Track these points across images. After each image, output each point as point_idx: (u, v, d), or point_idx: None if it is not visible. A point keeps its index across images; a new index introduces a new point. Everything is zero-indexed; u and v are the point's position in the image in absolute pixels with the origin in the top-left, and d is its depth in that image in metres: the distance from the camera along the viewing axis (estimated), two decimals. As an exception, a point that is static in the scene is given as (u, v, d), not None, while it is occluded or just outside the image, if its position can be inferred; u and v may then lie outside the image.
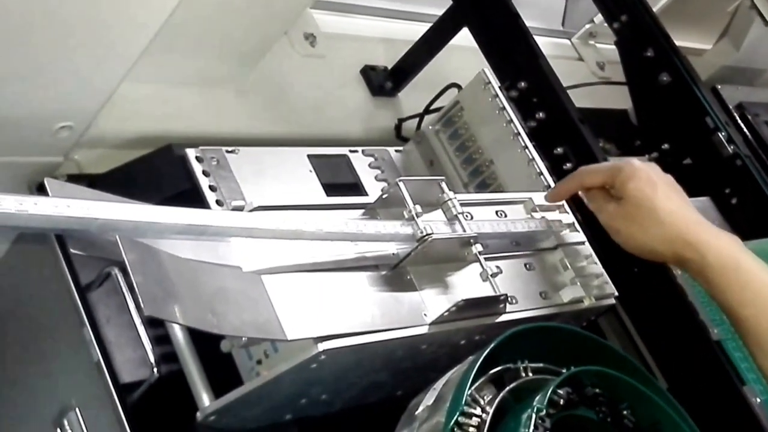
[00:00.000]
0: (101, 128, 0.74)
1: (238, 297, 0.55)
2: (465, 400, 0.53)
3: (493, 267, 0.65)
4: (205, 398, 0.61)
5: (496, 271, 0.65)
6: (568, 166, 0.83)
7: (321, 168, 0.76)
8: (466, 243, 0.65)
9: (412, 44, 0.99)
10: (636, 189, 0.67)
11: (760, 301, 0.63)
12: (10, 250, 0.72)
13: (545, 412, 0.53)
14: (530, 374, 0.57)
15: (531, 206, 0.73)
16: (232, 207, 0.65)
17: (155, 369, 0.62)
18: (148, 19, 0.64)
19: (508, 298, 0.65)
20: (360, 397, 0.66)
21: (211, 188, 0.67)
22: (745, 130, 1.08)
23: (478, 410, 0.54)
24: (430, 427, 0.55)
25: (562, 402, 0.55)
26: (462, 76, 0.86)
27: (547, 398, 0.53)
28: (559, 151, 0.84)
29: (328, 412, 0.65)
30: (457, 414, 0.53)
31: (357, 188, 0.78)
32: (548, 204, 0.74)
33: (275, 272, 0.58)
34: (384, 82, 0.99)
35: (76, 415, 0.64)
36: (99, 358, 0.63)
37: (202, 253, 0.56)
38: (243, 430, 0.62)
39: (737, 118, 1.09)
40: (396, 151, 0.84)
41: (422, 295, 0.63)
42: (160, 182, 0.70)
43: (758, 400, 0.73)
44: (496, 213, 0.71)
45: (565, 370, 0.57)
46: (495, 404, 0.54)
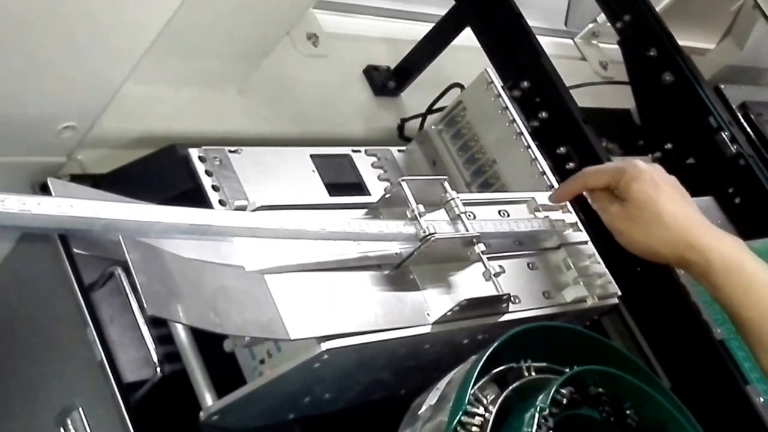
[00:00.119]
0: (104, 128, 0.74)
1: (240, 296, 0.56)
2: (468, 400, 0.53)
3: (496, 266, 0.65)
4: (208, 398, 0.61)
5: (499, 271, 0.65)
6: (571, 165, 0.83)
7: (324, 168, 0.76)
8: (468, 242, 0.65)
9: (415, 44, 0.99)
10: (640, 191, 0.67)
11: (764, 304, 0.63)
12: (14, 250, 0.72)
13: (548, 412, 0.53)
14: (533, 374, 0.57)
15: (534, 206, 0.73)
16: (235, 207, 0.65)
17: (158, 368, 0.63)
18: (151, 20, 0.64)
19: (511, 297, 0.65)
20: (363, 397, 0.66)
21: (214, 188, 0.67)
22: (749, 129, 1.08)
23: (481, 409, 0.54)
24: (433, 426, 0.55)
25: (565, 401, 0.55)
26: (465, 76, 0.86)
27: (550, 397, 0.53)
28: (562, 150, 0.84)
29: (331, 411, 0.65)
30: (460, 413, 0.53)
31: (360, 188, 0.78)
32: (551, 204, 0.74)
33: (278, 272, 0.58)
34: (387, 81, 0.99)
35: (80, 415, 0.65)
36: (102, 357, 0.63)
37: (204, 253, 0.56)
38: (246, 430, 0.62)
39: (740, 117, 1.09)
40: (399, 150, 0.84)
41: (425, 295, 0.63)
42: (163, 182, 0.70)
43: (761, 399, 0.73)
44: (499, 213, 0.71)
45: (568, 370, 0.57)
46: (498, 404, 0.54)
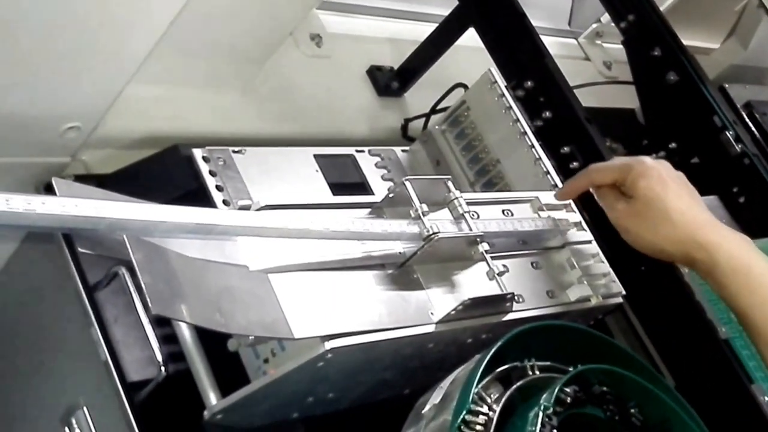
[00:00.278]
0: (108, 129, 0.74)
1: (245, 296, 0.56)
2: (472, 399, 0.53)
3: (500, 266, 0.65)
4: (212, 397, 0.61)
5: (503, 270, 0.65)
6: (575, 165, 0.83)
7: (327, 168, 0.76)
8: (472, 242, 0.65)
9: (419, 44, 0.99)
10: (647, 188, 0.66)
11: None
12: (19, 250, 0.72)
13: (552, 411, 0.52)
14: (537, 373, 0.57)
15: (537, 205, 0.73)
16: (239, 207, 0.65)
17: (163, 368, 0.63)
18: (155, 20, 0.65)
19: (515, 296, 0.65)
20: (367, 396, 0.66)
21: (218, 188, 0.67)
22: (753, 128, 1.08)
23: (485, 408, 0.54)
24: (437, 425, 0.55)
25: (569, 400, 0.55)
26: (468, 76, 0.86)
27: (554, 396, 0.53)
28: (566, 150, 0.83)
29: (335, 411, 0.65)
30: (464, 412, 0.53)
31: (363, 188, 0.78)
32: (555, 203, 0.74)
33: (282, 271, 0.58)
34: (390, 82, 0.99)
35: (84, 414, 0.65)
36: (107, 357, 0.63)
37: (208, 253, 0.56)
38: (250, 429, 0.62)
39: (745, 116, 1.09)
40: (402, 150, 0.84)
41: (429, 294, 0.63)
42: (167, 182, 0.70)
43: (766, 398, 0.73)
44: (503, 212, 0.71)
45: (572, 369, 0.57)
46: (502, 402, 0.54)
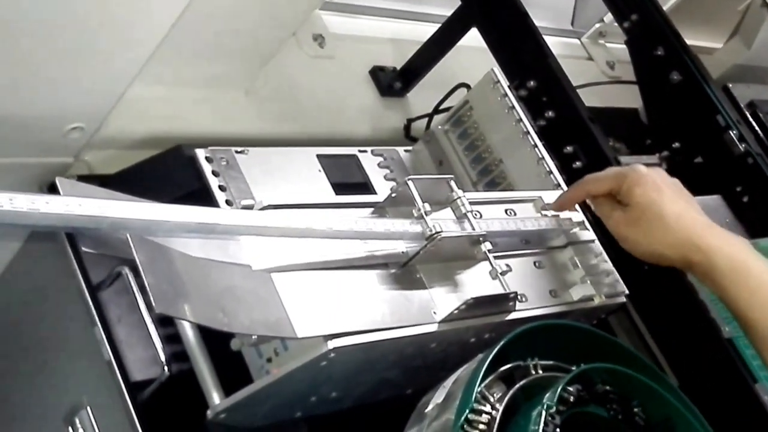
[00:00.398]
0: (111, 129, 0.74)
1: (247, 295, 0.56)
2: (475, 398, 0.53)
3: (503, 265, 0.65)
4: (215, 396, 0.61)
5: (506, 269, 0.65)
6: (578, 164, 0.83)
7: (330, 168, 0.76)
8: (475, 241, 0.65)
9: (421, 45, 0.99)
10: (642, 194, 0.66)
11: None
12: (22, 249, 0.72)
13: (555, 410, 0.52)
14: (540, 372, 0.57)
15: (540, 205, 0.73)
16: (242, 207, 0.65)
17: (166, 368, 0.63)
18: (158, 21, 0.65)
19: (518, 296, 0.65)
20: (370, 395, 0.66)
21: (221, 188, 0.67)
22: (756, 128, 1.08)
23: (487, 407, 0.53)
24: (440, 424, 0.54)
25: (572, 399, 0.55)
26: (471, 76, 0.86)
27: (557, 395, 0.53)
28: (569, 149, 0.83)
29: (337, 410, 0.65)
30: (466, 411, 0.53)
31: (366, 188, 0.78)
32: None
33: (285, 270, 0.58)
34: (393, 82, 0.99)
35: (88, 414, 0.65)
36: (110, 356, 0.64)
37: (211, 252, 0.56)
38: (253, 428, 0.62)
39: (748, 116, 1.08)
40: (405, 151, 0.84)
41: (432, 293, 0.63)
42: (170, 182, 0.70)
43: (770, 398, 0.73)
44: (506, 211, 0.71)
45: (575, 368, 0.56)
46: (505, 402, 0.54)
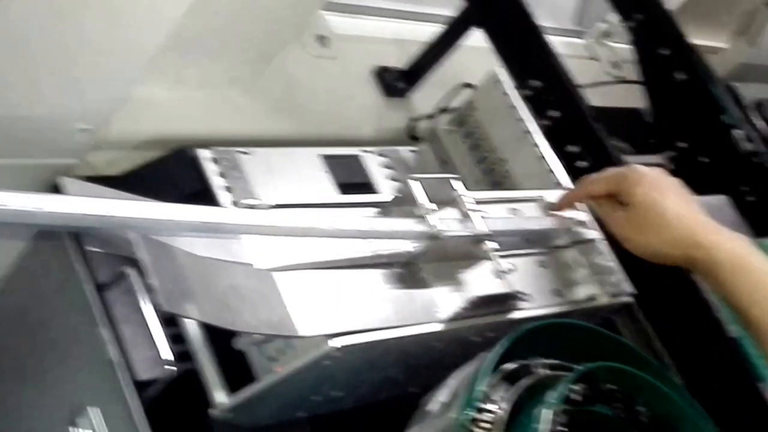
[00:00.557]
0: (116, 131, 0.75)
1: (252, 294, 0.56)
2: (479, 397, 0.53)
3: (507, 264, 0.64)
4: (219, 395, 0.61)
5: (510, 269, 0.64)
6: (582, 164, 0.83)
7: (334, 168, 0.76)
8: (478, 240, 0.65)
9: (425, 45, 0.99)
10: (643, 194, 0.66)
11: None
12: (28, 250, 0.72)
13: (560, 408, 0.52)
14: (545, 371, 0.57)
15: (544, 204, 0.73)
16: (246, 207, 0.65)
17: (170, 367, 0.63)
18: (162, 22, 0.65)
19: (522, 295, 0.65)
20: (373, 394, 0.66)
21: (225, 188, 0.67)
22: (762, 127, 1.07)
23: (491, 406, 0.54)
24: (444, 423, 0.55)
25: (577, 398, 0.55)
26: (474, 76, 0.86)
27: (561, 394, 0.53)
28: (573, 149, 0.83)
29: (341, 409, 0.65)
30: (470, 410, 0.53)
31: (370, 188, 0.78)
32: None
33: (289, 269, 0.58)
34: (397, 82, 0.99)
35: (93, 413, 0.65)
36: (115, 356, 0.64)
37: (215, 251, 0.56)
38: (257, 427, 0.62)
39: (754, 115, 1.08)
40: (409, 150, 0.84)
41: (435, 292, 0.63)
42: (174, 183, 0.70)
43: (776, 397, 0.73)
44: (510, 211, 0.71)
45: (580, 367, 0.56)
46: (509, 400, 0.54)
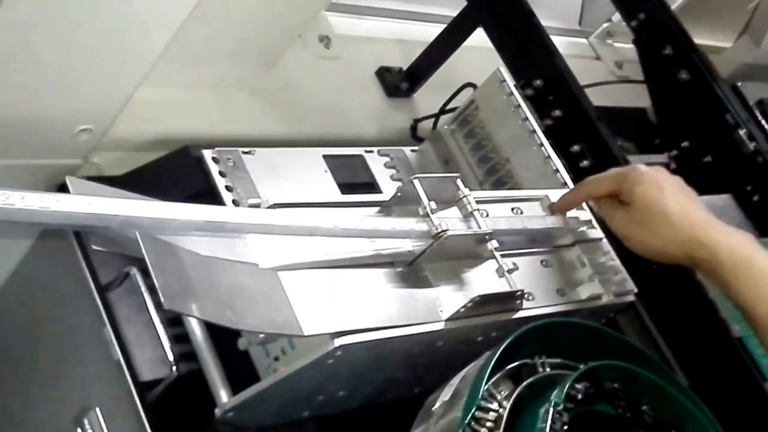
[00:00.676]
0: (119, 131, 0.75)
1: (255, 293, 0.56)
2: (482, 395, 0.53)
3: (510, 263, 0.64)
4: (223, 395, 0.61)
5: (513, 268, 0.64)
6: (585, 163, 0.83)
7: (336, 168, 0.76)
8: (481, 239, 0.65)
9: (427, 45, 0.99)
10: (644, 193, 0.66)
11: None
12: (32, 249, 0.72)
13: (563, 407, 0.52)
14: (548, 369, 0.57)
15: (547, 203, 0.73)
16: (249, 206, 0.65)
17: (174, 367, 0.63)
18: (165, 23, 0.65)
19: (525, 294, 0.65)
20: (377, 394, 0.66)
21: (228, 188, 0.67)
22: (766, 126, 1.07)
23: (495, 405, 0.53)
24: (447, 422, 0.54)
25: (580, 397, 0.55)
26: (477, 76, 0.86)
27: (564, 393, 0.53)
28: (576, 148, 0.83)
29: (345, 409, 0.65)
30: (474, 409, 0.53)
31: (372, 188, 0.78)
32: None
33: (292, 269, 0.58)
34: (399, 83, 0.99)
35: (97, 414, 0.65)
36: (119, 356, 0.64)
37: (218, 251, 0.56)
38: (261, 427, 0.62)
39: (758, 114, 1.08)
40: (411, 151, 0.84)
41: (438, 292, 0.63)
42: (178, 183, 0.70)
43: (781, 396, 0.72)
44: (512, 210, 0.71)
45: (583, 366, 0.56)
46: (512, 399, 0.54)
